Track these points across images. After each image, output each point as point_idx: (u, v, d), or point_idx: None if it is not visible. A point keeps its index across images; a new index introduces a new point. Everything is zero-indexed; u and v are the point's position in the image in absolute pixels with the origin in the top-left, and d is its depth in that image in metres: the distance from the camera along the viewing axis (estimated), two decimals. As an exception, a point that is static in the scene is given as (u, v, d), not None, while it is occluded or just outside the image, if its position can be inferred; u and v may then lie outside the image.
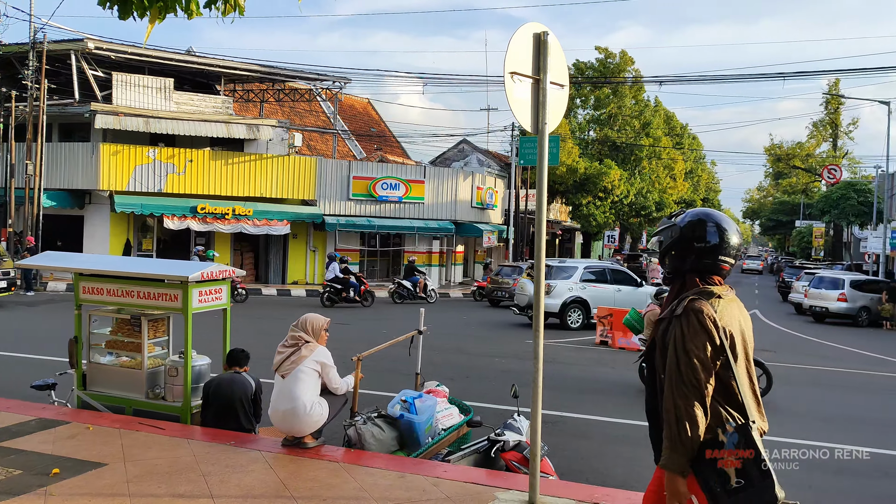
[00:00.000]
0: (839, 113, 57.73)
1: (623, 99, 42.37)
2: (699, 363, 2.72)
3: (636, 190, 41.32)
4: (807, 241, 60.94)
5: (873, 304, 23.77)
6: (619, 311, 16.12)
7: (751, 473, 2.68)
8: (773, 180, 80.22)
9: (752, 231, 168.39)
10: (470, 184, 31.12)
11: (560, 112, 4.53)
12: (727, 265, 2.88)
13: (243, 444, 5.90)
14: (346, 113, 39.95)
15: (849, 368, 14.12)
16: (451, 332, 16.28)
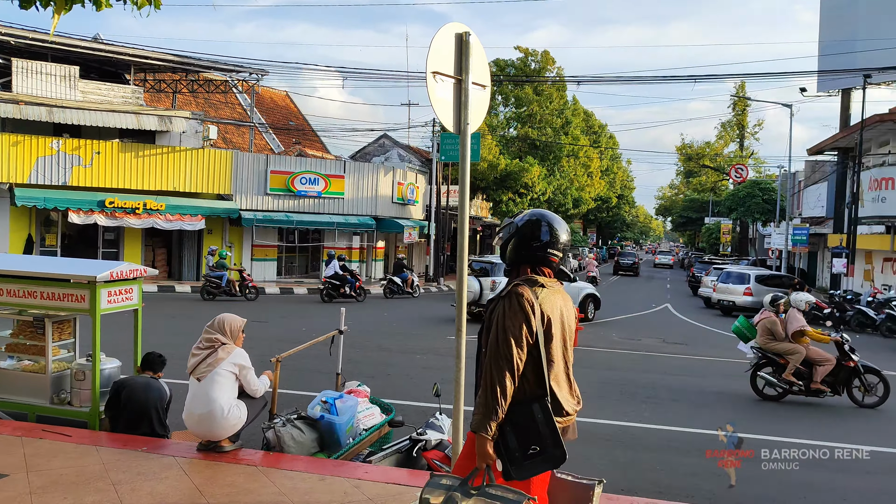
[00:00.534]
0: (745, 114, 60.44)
1: (547, 98, 43.05)
2: (514, 340, 3.02)
3: (555, 187, 42.11)
4: (715, 238, 63.56)
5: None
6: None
7: (546, 442, 3.03)
8: (684, 178, 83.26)
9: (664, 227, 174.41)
10: (391, 179, 31.00)
11: (482, 112, 4.56)
12: (555, 258, 3.25)
13: (156, 449, 5.71)
14: (264, 105, 39.14)
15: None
16: (374, 330, 16.20)
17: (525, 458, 3.02)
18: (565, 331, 3.22)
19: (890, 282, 26.72)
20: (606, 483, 6.27)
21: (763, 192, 45.44)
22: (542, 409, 3.05)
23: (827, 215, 36.57)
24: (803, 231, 34.58)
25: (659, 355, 14.85)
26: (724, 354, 15.38)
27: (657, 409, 9.47)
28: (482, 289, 19.36)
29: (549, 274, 3.27)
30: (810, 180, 41.20)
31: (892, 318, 20.34)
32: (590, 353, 14.49)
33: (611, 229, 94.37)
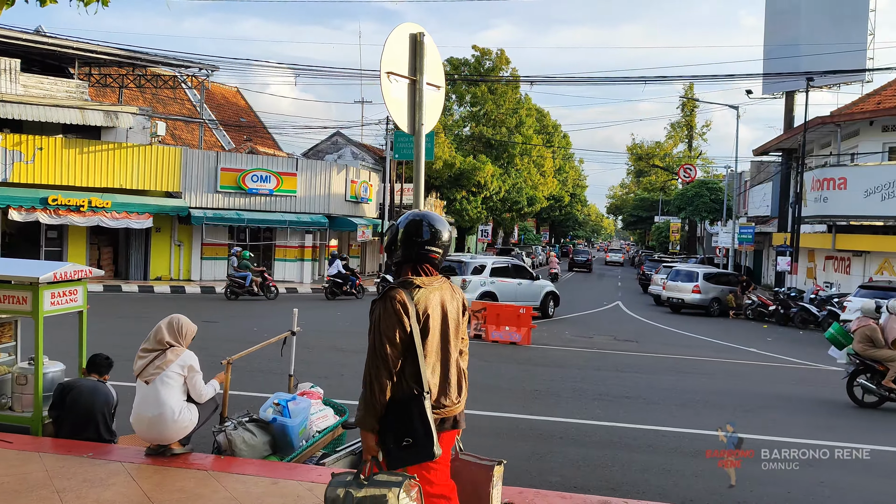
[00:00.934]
0: (694, 116, 61.72)
1: (501, 97, 43.26)
2: (388, 340, 3.21)
3: (509, 186, 42.35)
4: (665, 236, 64.76)
5: (723, 295, 25.59)
6: (492, 306, 16.50)
7: (418, 434, 3.17)
8: (635, 178, 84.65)
9: (615, 226, 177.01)
10: (344, 177, 30.81)
11: (436, 113, 4.55)
12: (436, 254, 3.40)
13: (102, 455, 5.56)
14: (214, 102, 38.49)
15: (701, 356, 15.12)
16: (327, 330, 16.08)
17: (399, 450, 3.18)
18: (447, 325, 3.37)
19: (831, 279, 27.59)
20: (559, 480, 6.35)
21: (710, 192, 46.49)
22: (416, 403, 3.20)
23: (772, 214, 37.56)
24: (749, 230, 35.46)
25: (611, 353, 15.06)
26: (673, 351, 15.68)
27: (609, 406, 9.61)
28: None
29: (431, 272, 3.42)
30: (756, 180, 42.26)
31: (833, 315, 20.98)
32: (544, 352, 14.62)
33: (563, 228, 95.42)
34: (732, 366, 14.09)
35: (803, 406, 10.31)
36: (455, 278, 19.63)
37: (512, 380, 11.27)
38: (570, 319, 21.68)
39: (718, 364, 14.18)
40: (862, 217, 25.43)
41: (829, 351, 11.60)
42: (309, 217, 28.97)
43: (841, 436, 8.34)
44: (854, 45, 34.00)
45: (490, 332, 15.87)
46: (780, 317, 23.14)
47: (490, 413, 8.87)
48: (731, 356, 15.37)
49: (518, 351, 14.53)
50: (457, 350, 3.45)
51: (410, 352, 3.24)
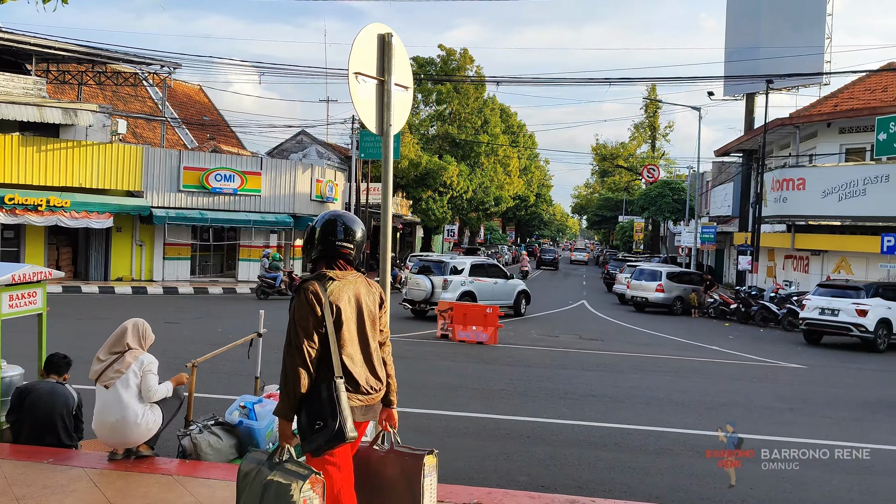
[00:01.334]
0: (657, 116, 62.53)
1: (465, 97, 43.32)
2: (302, 331, 3.36)
3: (475, 185, 42.45)
4: (629, 236, 65.48)
5: (686, 294, 25.96)
6: (458, 305, 16.52)
7: (327, 417, 3.30)
8: (599, 178, 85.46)
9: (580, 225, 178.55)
10: (309, 176, 30.62)
11: (405, 114, 4.55)
12: (349, 250, 3.63)
13: (64, 461, 5.45)
14: (176, 100, 37.94)
15: (665, 354, 15.33)
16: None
17: (312, 433, 3.32)
18: (363, 316, 3.56)
19: (791, 278, 28.17)
20: (527, 479, 6.39)
21: (673, 192, 47.13)
22: (327, 388, 3.34)
23: (733, 214, 38.20)
24: (711, 229, 36.04)
25: (576, 352, 15.19)
26: (637, 349, 15.86)
27: (575, 405, 9.69)
28: (434, 287, 20.13)
29: (346, 267, 3.64)
30: (717, 181, 42.96)
31: (793, 313, 21.41)
32: (510, 351, 14.69)
33: (529, 227, 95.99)
34: (695, 363, 14.31)
35: (764, 402, 10.51)
36: (436, 278, 20.24)
37: (479, 379, 11.31)
38: (537, 318, 21.82)
39: (682, 362, 14.39)
40: (820, 217, 25.98)
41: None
42: (274, 217, 28.72)
43: (802, 432, 8.52)
44: (812, 48, 34.75)
45: (457, 332, 15.90)
46: (741, 315, 23.55)
47: (457, 413, 8.89)
48: (693, 354, 15.61)
49: (485, 351, 14.58)
50: (375, 340, 3.63)
51: (324, 341, 3.41)
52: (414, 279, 20.70)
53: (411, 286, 20.69)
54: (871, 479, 6.98)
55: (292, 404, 3.33)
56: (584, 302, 28.72)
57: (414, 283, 20.59)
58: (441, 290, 20.00)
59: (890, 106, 25.18)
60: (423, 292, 20.13)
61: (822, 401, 10.90)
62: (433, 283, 20.21)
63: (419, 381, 10.82)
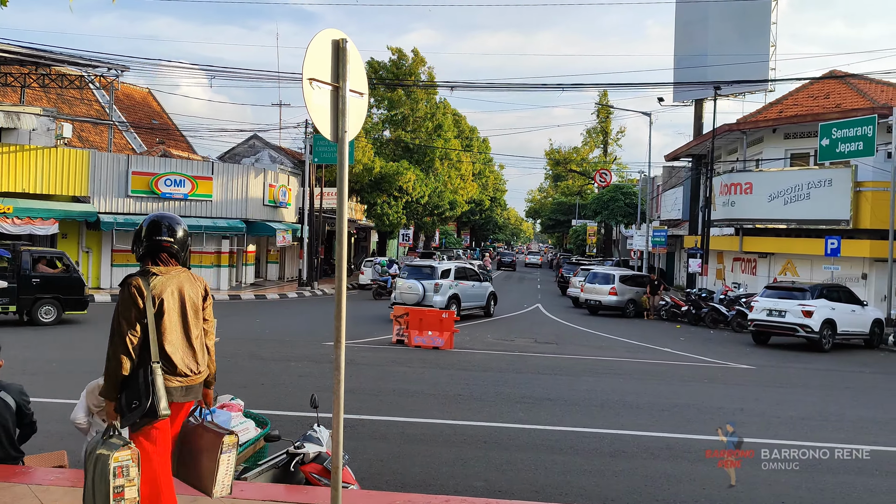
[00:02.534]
0: (609, 122, 63.47)
1: (417, 102, 43.32)
2: (125, 321, 3.81)
3: (430, 190, 42.46)
4: (582, 239, 66.28)
5: (639, 297, 26.34)
6: (414, 311, 16.49)
7: (141, 397, 3.78)
8: (553, 182, 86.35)
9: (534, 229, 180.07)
10: (262, 181, 30.28)
11: (360, 120, 4.52)
12: (169, 243, 4.11)
13: (6, 478, 5.26)
14: (124, 103, 37.14)
15: (618, 357, 15.53)
16: (247, 338, 15.74)
17: (128, 411, 3.79)
18: (185, 306, 4.03)
19: (739, 280, 28.81)
20: (484, 485, 6.40)
21: (625, 196, 47.86)
22: (144, 372, 3.80)
23: (683, 218, 38.95)
24: (662, 233, 36.67)
25: (531, 355, 15.30)
26: (591, 352, 16.04)
27: (531, 409, 9.75)
28: (425, 291, 21.24)
29: (170, 262, 4.11)
30: (668, 185, 43.76)
31: (741, 315, 21.91)
32: (466, 356, 14.72)
33: (484, 231, 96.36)
34: (648, 366, 14.53)
35: (715, 402, 10.72)
36: (427, 282, 21.35)
37: (435, 385, 11.30)
38: (493, 322, 21.91)
39: (635, 364, 14.60)
40: (766, 220, 26.62)
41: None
42: (226, 222, 28.32)
43: (753, 431, 8.71)
44: (758, 55, 35.72)
45: (412, 337, 15.87)
46: (692, 317, 23.99)
47: (413, 419, 8.86)
48: (646, 356, 15.85)
49: (441, 356, 14.58)
50: (198, 328, 4.10)
51: (145, 330, 3.84)
52: (406, 283, 21.68)
53: (403, 290, 21.59)
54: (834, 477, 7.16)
55: (114, 386, 3.80)
56: (539, 305, 28.94)
57: (406, 288, 21.56)
58: (434, 294, 21.18)
59: (831, 112, 25.98)
60: (416, 296, 21.13)
61: (772, 400, 11.17)
62: (425, 287, 21.27)
63: (374, 388, 10.76)
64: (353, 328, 17.50)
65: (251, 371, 11.63)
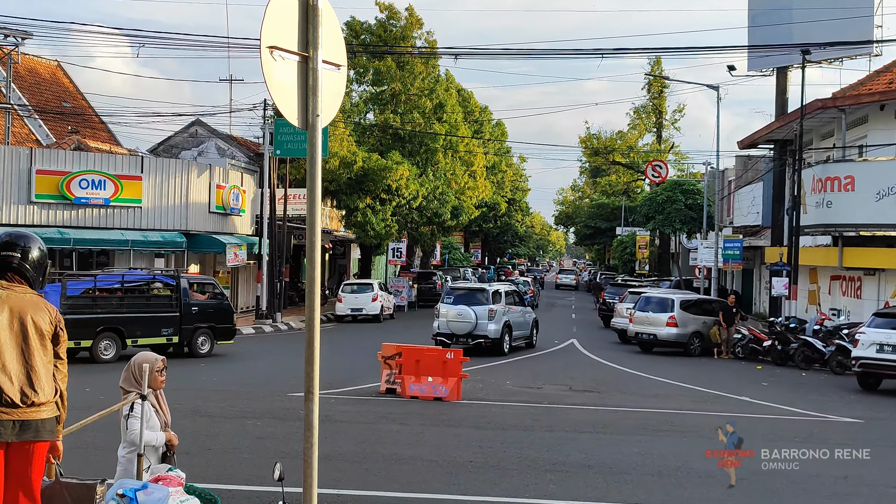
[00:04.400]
0: (663, 98, 63.34)
1: (412, 75, 43.27)
2: None
3: (428, 191, 42.46)
4: (630, 253, 66.17)
5: (707, 329, 26.25)
6: (409, 350, 16.43)
7: None
8: (590, 178, 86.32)
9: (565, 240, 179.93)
10: (207, 180, 30.36)
11: (336, 100, 4.55)
12: (15, 259, 4.87)
13: None
14: (25, 81, 37.35)
15: (680, 409, 15.45)
16: (188, 388, 15.73)
17: None
18: (26, 328, 4.62)
19: (839, 305, 28.66)
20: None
21: (686, 196, 47.74)
22: None
23: (763, 224, 38.85)
24: (736, 244, 36.59)
25: (565, 407, 15.23)
26: (644, 403, 15.98)
27: (566, 479, 9.71)
28: (478, 318, 23.39)
29: (13, 279, 4.82)
30: (742, 180, 43.75)
31: (842, 351, 21.72)
32: (479, 409, 14.67)
33: (500, 244, 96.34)
34: (720, 420, 14.44)
35: (812, 467, 10.63)
36: (479, 308, 23.59)
37: (438, 448, 11.26)
38: (514, 364, 21.85)
39: (702, 418, 14.52)
40: (874, 226, 26.36)
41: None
42: (160, 235, 28.38)
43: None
44: (859, 9, 35.61)
45: (407, 386, 15.81)
46: (777, 354, 23.87)
47: (412, 494, 8.83)
48: (717, 407, 15.77)
49: (445, 409, 14.54)
50: (44, 356, 4.67)
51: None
52: (454, 310, 23.82)
53: (452, 318, 23.72)
54: None
55: None
56: (575, 341, 28.88)
57: (455, 315, 23.70)
58: (488, 322, 23.47)
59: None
60: (468, 325, 23.43)
61: (886, 465, 11.09)
62: (477, 313, 23.43)
63: (358, 453, 10.73)
64: (329, 374, 17.44)
65: (195, 433, 11.62)
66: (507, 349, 24.07)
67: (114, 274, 22.93)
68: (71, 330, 15.25)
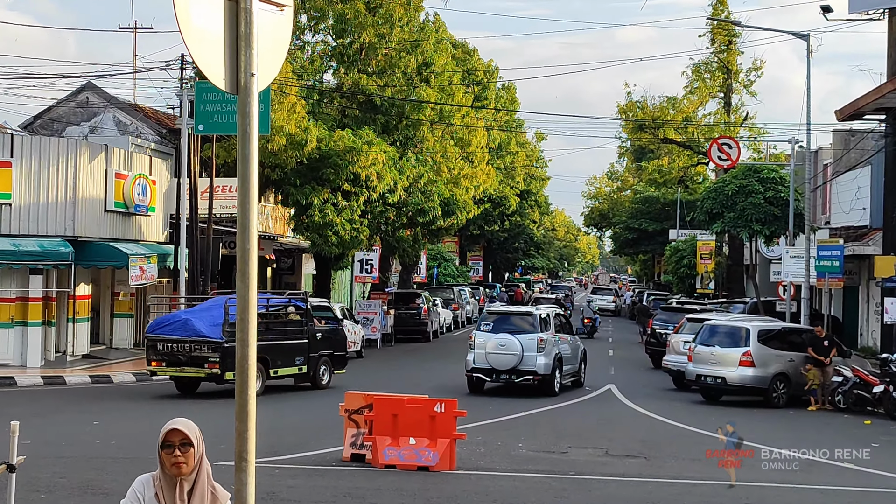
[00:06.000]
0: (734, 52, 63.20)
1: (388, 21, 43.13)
2: None
3: (410, 180, 42.31)
4: (688, 265, 66.00)
5: (795, 369, 26.16)
6: (381, 401, 16.33)
7: None
8: (633, 162, 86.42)
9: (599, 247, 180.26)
10: (102, 167, 30.34)
11: (279, 54, 4.54)
12: None
13: None
14: None
15: (760, 480, 15.43)
16: (74, 455, 15.70)
17: None
18: None
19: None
20: None
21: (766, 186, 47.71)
22: None
23: (872, 224, 38.80)
24: (835, 251, 36.36)
25: (600, 479, 15.23)
26: (710, 473, 15.97)
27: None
28: (524, 350, 25.45)
29: None
30: (843, 164, 43.71)
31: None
32: (479, 484, 14.68)
33: (507, 253, 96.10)
34: (815, 496, 14.47)
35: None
36: (527, 338, 25.78)
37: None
38: (524, 421, 21.84)
39: (792, 493, 14.53)
40: None
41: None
42: (36, 244, 28.33)
43: None
44: None
45: (381, 451, 15.73)
46: (892, 404, 23.86)
47: None
48: (811, 477, 15.77)
49: (433, 483, 14.52)
50: None
51: None
52: (495, 339, 25.98)
53: (491, 350, 25.79)
54: None
55: None
56: (612, 386, 28.88)
57: (496, 346, 25.77)
58: (537, 355, 25.60)
59: None
60: (514, 357, 25.47)
61: None
62: (523, 344, 25.48)
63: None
64: (274, 434, 17.42)
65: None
66: (559, 388, 26.39)
67: None
68: (228, 360, 18.86)
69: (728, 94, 64.21)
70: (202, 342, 23.46)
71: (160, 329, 24.52)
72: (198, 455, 5.54)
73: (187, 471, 5.45)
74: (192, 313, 24.96)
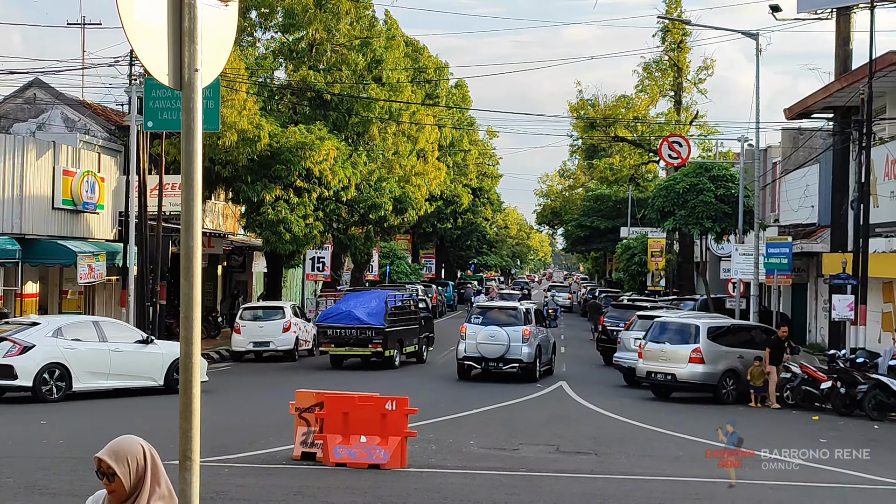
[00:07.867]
0: (684, 51, 63.44)
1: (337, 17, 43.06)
2: None
3: (361, 177, 42.22)
4: (639, 262, 66.27)
5: (744, 365, 26.23)
6: (333, 399, 16.28)
7: None
8: (585, 160, 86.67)
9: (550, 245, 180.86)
10: (49, 164, 30.11)
11: (224, 49, 4.50)
12: None
13: None
14: None
15: (710, 476, 15.47)
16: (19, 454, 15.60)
17: None
18: None
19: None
20: None
21: (716, 184, 47.96)
22: None
23: (820, 221, 39.14)
24: (783, 248, 36.59)
25: (550, 476, 15.25)
26: (659, 469, 16.03)
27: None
28: (511, 341, 28.54)
29: None
30: (791, 162, 44.00)
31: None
32: (430, 481, 14.66)
33: (462, 251, 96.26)
34: (765, 491, 14.55)
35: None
36: (512, 329, 28.81)
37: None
38: (479, 416, 21.83)
39: (739, 490, 14.60)
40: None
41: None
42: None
43: None
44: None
45: (332, 449, 15.68)
46: (840, 400, 23.99)
47: None
48: (760, 473, 15.84)
49: (385, 481, 14.49)
50: None
51: None
52: (485, 331, 28.96)
53: (482, 340, 28.79)
54: None
55: None
56: (564, 384, 28.97)
57: (486, 337, 28.77)
58: (522, 345, 28.74)
59: None
60: (501, 347, 28.58)
61: None
62: (510, 335, 28.52)
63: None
64: (222, 433, 17.33)
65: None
66: (539, 375, 29.56)
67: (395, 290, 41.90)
68: (388, 341, 31.95)
69: (679, 93, 64.46)
70: (367, 328, 31.86)
71: (328, 319, 33.55)
72: (132, 479, 5.21)
73: (118, 499, 5.16)
74: (351, 305, 33.41)
